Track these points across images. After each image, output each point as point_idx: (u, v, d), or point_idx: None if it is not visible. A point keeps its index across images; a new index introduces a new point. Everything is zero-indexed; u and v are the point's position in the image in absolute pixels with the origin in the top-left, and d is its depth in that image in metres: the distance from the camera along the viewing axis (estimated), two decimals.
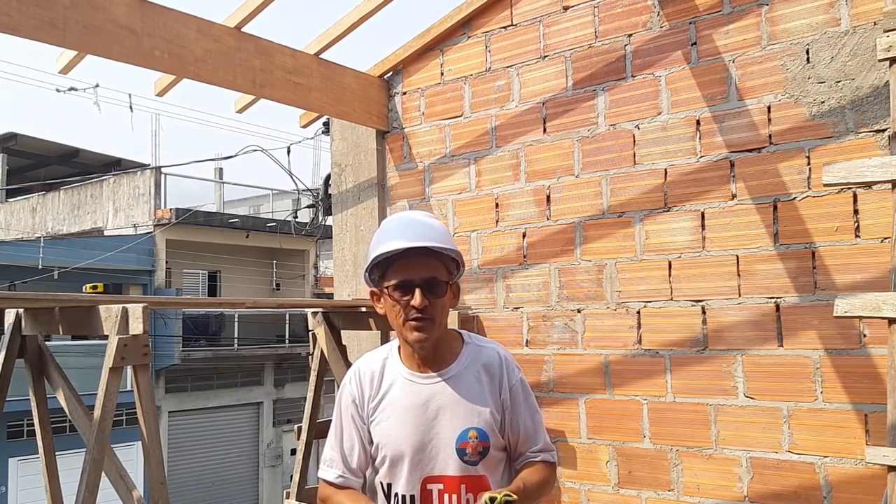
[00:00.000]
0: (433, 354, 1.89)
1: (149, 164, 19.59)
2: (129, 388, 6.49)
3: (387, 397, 1.89)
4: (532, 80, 3.62)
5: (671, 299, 3.19)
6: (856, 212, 2.81)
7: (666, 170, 3.23)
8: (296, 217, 16.93)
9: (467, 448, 1.85)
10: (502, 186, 3.69)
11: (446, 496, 1.84)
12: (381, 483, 1.92)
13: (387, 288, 1.86)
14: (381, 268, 1.87)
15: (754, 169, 3.03)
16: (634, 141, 3.31)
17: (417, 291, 1.80)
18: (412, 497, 1.86)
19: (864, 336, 2.77)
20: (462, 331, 2.03)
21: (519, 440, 1.95)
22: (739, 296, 3.04)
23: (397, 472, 1.88)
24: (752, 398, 2.99)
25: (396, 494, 1.88)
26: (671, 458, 3.16)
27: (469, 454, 1.85)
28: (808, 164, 2.91)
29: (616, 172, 3.36)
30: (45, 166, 22.30)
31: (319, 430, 3.92)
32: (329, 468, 1.93)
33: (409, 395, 1.87)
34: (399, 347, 1.95)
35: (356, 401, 1.92)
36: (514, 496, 1.70)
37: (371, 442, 1.91)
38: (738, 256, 3.05)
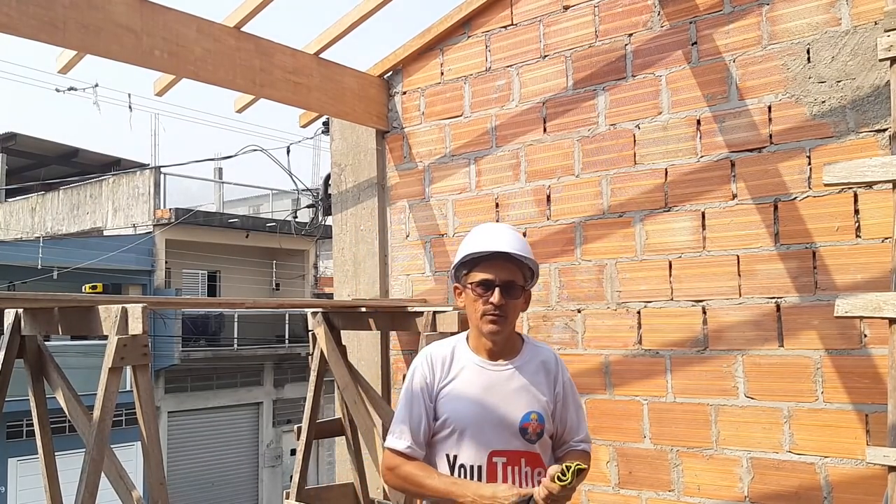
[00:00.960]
0: (502, 347, 2.13)
1: (148, 164, 19.58)
2: (128, 388, 6.48)
3: (457, 379, 2.11)
4: (532, 80, 3.62)
5: (671, 299, 3.19)
6: (856, 212, 2.81)
7: (666, 170, 3.23)
8: (295, 217, 16.91)
9: (529, 428, 2.08)
10: (502, 186, 3.69)
11: (509, 468, 2.06)
12: (448, 455, 2.10)
13: (471, 284, 2.11)
14: (468, 266, 2.12)
15: (755, 169, 3.03)
16: (635, 141, 3.31)
17: (497, 290, 2.07)
18: (479, 468, 2.06)
19: (865, 336, 2.77)
20: (520, 332, 2.26)
21: (565, 430, 2.20)
22: (740, 296, 3.04)
23: (464, 444, 2.08)
24: (752, 398, 2.98)
25: (462, 465, 2.07)
26: (671, 459, 3.15)
27: (530, 434, 2.09)
28: (809, 163, 2.91)
29: (616, 172, 3.35)
30: (44, 166, 22.27)
31: (319, 431, 3.92)
32: (398, 439, 2.10)
33: (480, 379, 2.10)
34: (467, 339, 2.18)
35: (427, 380, 2.12)
36: (585, 466, 1.87)
37: (436, 418, 2.10)
38: (738, 256, 3.05)
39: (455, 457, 2.09)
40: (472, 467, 2.06)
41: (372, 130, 4.13)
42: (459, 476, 2.07)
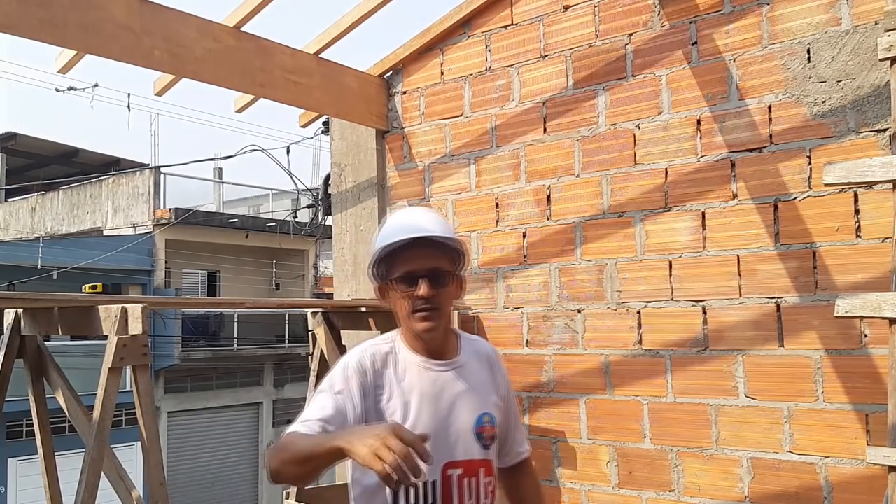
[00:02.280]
0: (441, 344, 1.91)
1: (148, 164, 19.59)
2: (128, 388, 6.49)
3: (403, 382, 1.85)
4: (532, 80, 3.62)
5: (672, 299, 3.19)
6: (857, 212, 2.81)
7: (666, 169, 3.23)
8: (295, 217, 16.93)
9: (484, 432, 1.89)
10: (502, 186, 3.69)
11: (465, 480, 1.84)
12: None
13: (392, 281, 1.86)
14: (386, 262, 1.87)
15: (755, 169, 3.02)
16: (635, 140, 3.31)
17: (422, 282, 1.81)
18: (433, 483, 1.81)
19: (865, 336, 2.77)
20: (452, 326, 2.03)
21: (508, 434, 2.03)
22: (740, 296, 3.04)
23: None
24: (752, 398, 2.98)
25: (413, 484, 1.78)
26: (672, 459, 3.15)
27: (485, 438, 1.89)
28: (809, 163, 2.91)
29: (616, 172, 3.35)
30: (44, 166, 22.27)
31: None
32: (303, 424, 1.76)
33: (426, 382, 1.86)
34: (402, 338, 1.92)
35: (367, 373, 1.83)
36: None
37: (365, 421, 1.79)
38: (738, 256, 3.05)
39: None
40: (424, 484, 1.78)
41: (372, 130, 4.13)
42: (408, 497, 1.79)
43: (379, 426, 1.55)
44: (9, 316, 3.08)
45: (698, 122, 3.16)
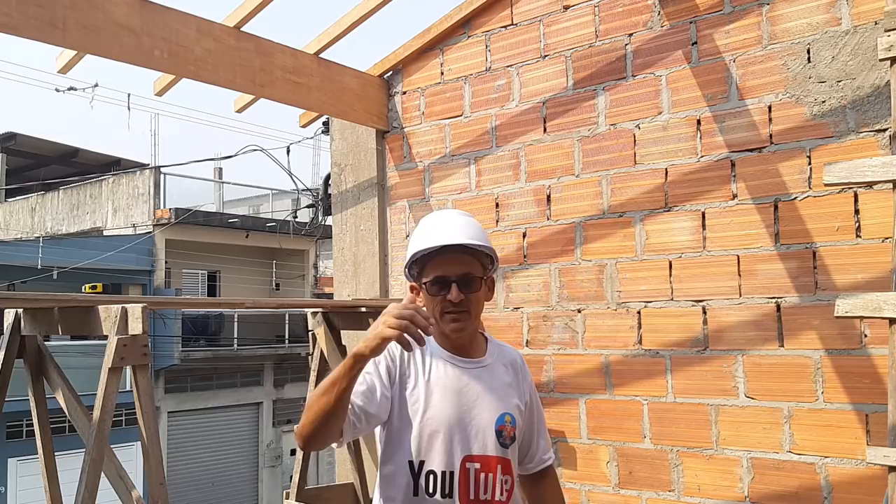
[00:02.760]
0: (469, 344, 1.97)
1: (148, 164, 19.58)
2: (128, 388, 6.48)
3: (430, 372, 1.91)
4: (532, 80, 3.62)
5: (672, 299, 3.19)
6: (857, 212, 2.81)
7: (666, 169, 3.23)
8: (295, 217, 16.93)
9: (504, 430, 1.93)
10: (502, 186, 3.69)
11: (482, 475, 1.88)
12: (412, 462, 1.87)
13: (425, 284, 1.92)
14: (420, 264, 1.94)
15: (755, 169, 3.03)
16: (635, 140, 3.31)
17: (453, 287, 1.88)
18: (450, 474, 1.86)
19: (865, 336, 2.77)
20: (482, 331, 2.09)
21: (532, 440, 2.07)
22: (740, 296, 3.04)
23: (433, 448, 1.87)
24: (752, 398, 2.98)
25: (432, 472, 1.87)
26: (672, 459, 3.15)
27: (505, 437, 1.93)
28: (809, 163, 2.91)
29: (616, 172, 3.35)
30: (44, 166, 22.27)
31: None
32: None
33: (452, 376, 1.92)
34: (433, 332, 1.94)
35: (395, 359, 1.89)
36: None
37: (397, 417, 1.88)
38: (738, 256, 3.05)
39: (422, 463, 1.86)
40: (442, 473, 1.85)
41: (372, 130, 4.13)
42: (427, 484, 1.85)
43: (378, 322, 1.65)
44: (9, 316, 3.07)
45: (698, 122, 3.16)
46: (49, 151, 21.72)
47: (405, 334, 1.62)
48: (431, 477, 1.86)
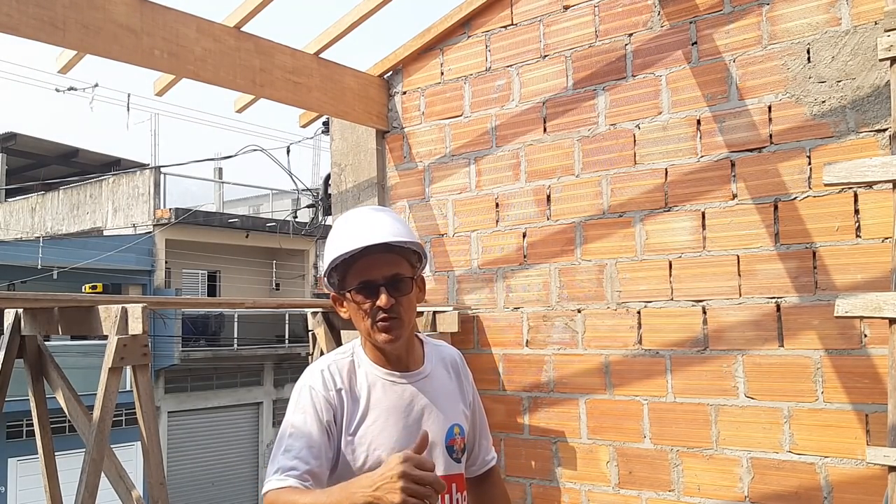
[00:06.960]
0: (405, 354, 1.80)
1: (148, 164, 19.59)
2: (128, 388, 6.48)
3: (369, 401, 1.74)
4: (532, 80, 3.62)
5: (671, 299, 3.19)
6: (856, 212, 2.81)
7: (666, 169, 3.23)
8: (295, 217, 16.94)
9: (455, 445, 1.81)
10: (502, 186, 3.69)
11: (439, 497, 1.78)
12: None
13: (349, 292, 1.73)
14: (340, 271, 1.74)
15: (755, 169, 3.03)
16: (635, 141, 3.31)
17: (382, 291, 1.69)
18: None
19: (865, 336, 2.77)
20: (416, 332, 1.93)
21: (476, 442, 1.97)
22: (740, 296, 3.04)
23: None
24: (752, 398, 2.98)
25: None
26: (672, 459, 3.15)
27: (456, 451, 1.81)
28: (809, 163, 2.91)
29: (616, 172, 3.35)
30: (44, 166, 22.29)
31: None
32: (287, 476, 1.60)
33: (393, 396, 1.76)
34: (363, 349, 1.81)
35: (332, 403, 1.71)
36: None
37: (344, 461, 1.71)
38: (738, 256, 3.05)
39: None
40: None
41: (372, 130, 4.13)
42: None
43: (389, 463, 1.44)
44: (9, 316, 3.08)
45: (698, 122, 3.16)
46: (49, 151, 21.74)
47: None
48: None
